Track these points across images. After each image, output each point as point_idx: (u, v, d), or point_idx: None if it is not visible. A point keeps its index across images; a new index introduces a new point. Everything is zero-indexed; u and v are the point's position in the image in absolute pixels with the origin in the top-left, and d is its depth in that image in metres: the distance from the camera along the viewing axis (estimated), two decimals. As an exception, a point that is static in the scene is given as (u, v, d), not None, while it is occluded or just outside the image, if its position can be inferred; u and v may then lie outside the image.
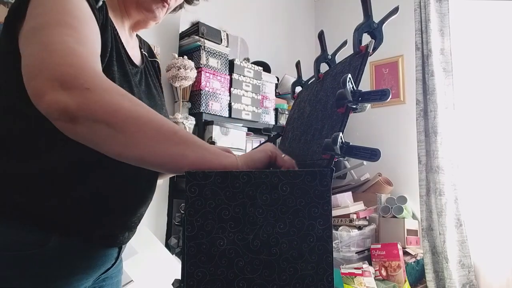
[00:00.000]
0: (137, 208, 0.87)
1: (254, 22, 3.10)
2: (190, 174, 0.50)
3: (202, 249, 0.49)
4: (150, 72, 1.00)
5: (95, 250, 0.81)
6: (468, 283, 2.58)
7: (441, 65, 2.75)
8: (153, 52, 1.10)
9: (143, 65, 0.97)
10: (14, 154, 0.72)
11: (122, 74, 0.82)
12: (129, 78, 0.84)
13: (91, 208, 0.76)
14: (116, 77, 0.79)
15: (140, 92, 0.87)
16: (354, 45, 0.69)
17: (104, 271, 0.86)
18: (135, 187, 0.84)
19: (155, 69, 1.06)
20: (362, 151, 0.55)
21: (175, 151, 0.58)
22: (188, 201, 0.50)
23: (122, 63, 0.83)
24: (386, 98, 0.56)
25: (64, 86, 0.56)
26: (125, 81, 0.82)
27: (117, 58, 0.82)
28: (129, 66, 0.87)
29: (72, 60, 0.59)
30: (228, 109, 2.40)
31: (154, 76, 1.03)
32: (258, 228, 0.51)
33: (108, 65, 0.78)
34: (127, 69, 0.84)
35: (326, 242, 0.54)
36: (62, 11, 0.67)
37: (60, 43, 0.61)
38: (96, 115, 0.56)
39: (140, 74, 0.93)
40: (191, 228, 0.49)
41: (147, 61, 1.02)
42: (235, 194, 0.51)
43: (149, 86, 0.95)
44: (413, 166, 2.84)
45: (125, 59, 0.85)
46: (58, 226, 0.73)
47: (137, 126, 0.57)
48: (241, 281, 0.50)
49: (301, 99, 0.97)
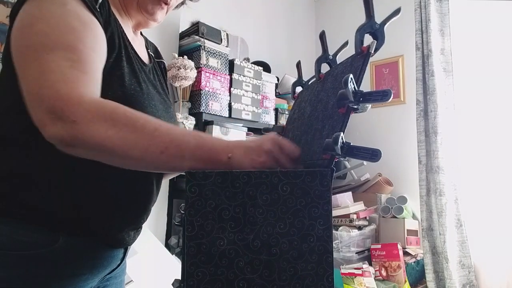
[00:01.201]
0: (145, 207, 0.87)
1: (254, 22, 3.10)
2: (190, 174, 0.50)
3: (202, 249, 0.49)
4: (157, 72, 1.01)
5: (102, 251, 0.81)
6: (468, 284, 2.57)
7: (441, 65, 2.75)
8: (159, 53, 1.11)
9: (151, 64, 0.97)
10: (20, 153, 0.72)
11: (131, 70, 0.83)
12: (137, 74, 0.85)
13: (99, 208, 0.77)
14: (126, 72, 0.80)
15: (148, 88, 0.87)
16: (356, 45, 0.69)
17: (110, 271, 0.86)
18: (142, 186, 0.85)
19: (161, 70, 1.07)
20: (363, 151, 0.55)
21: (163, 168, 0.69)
22: (188, 201, 0.49)
23: (130, 59, 0.84)
24: (388, 99, 0.56)
25: (58, 118, 0.60)
26: (134, 77, 0.83)
27: (125, 54, 0.83)
28: (137, 62, 0.87)
29: (62, 90, 0.62)
30: (228, 109, 2.39)
31: (161, 77, 1.04)
32: (258, 228, 0.51)
33: (117, 60, 0.79)
34: (135, 65, 0.85)
35: (326, 242, 0.54)
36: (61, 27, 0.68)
37: (54, 71, 0.64)
38: (87, 145, 0.61)
39: (148, 72, 0.93)
40: (191, 228, 0.49)
41: (154, 62, 1.03)
42: (235, 194, 0.51)
43: (156, 86, 0.95)
44: (413, 166, 2.84)
45: (132, 56, 0.86)
46: (66, 226, 0.73)
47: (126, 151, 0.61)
48: (241, 281, 0.50)
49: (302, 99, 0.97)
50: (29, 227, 0.70)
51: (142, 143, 0.61)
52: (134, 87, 0.81)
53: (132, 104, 0.76)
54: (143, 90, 0.84)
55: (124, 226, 0.83)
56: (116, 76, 0.78)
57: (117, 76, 0.78)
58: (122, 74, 0.79)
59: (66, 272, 0.74)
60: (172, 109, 1.00)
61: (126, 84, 0.79)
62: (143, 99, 0.82)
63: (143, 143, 0.61)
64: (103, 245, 0.81)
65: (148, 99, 0.84)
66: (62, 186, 0.73)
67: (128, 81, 0.80)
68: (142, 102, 0.82)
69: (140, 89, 0.83)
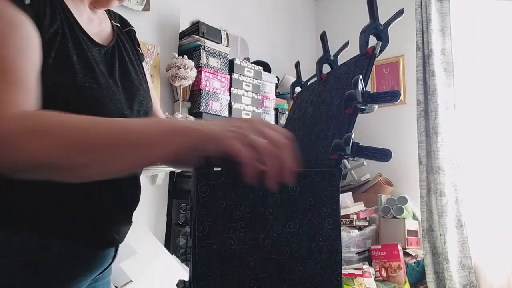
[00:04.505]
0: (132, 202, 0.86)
1: (254, 22, 3.10)
2: (201, 174, 0.50)
3: (213, 249, 0.49)
4: (125, 45, 0.92)
5: (95, 252, 0.80)
6: (469, 284, 2.58)
7: (442, 65, 2.75)
8: (126, 21, 1.01)
9: (114, 41, 0.88)
10: None
11: (84, 64, 0.75)
12: (92, 66, 0.76)
13: (88, 210, 0.75)
14: (77, 68, 0.72)
15: (108, 81, 0.79)
16: (361, 46, 0.69)
17: (101, 271, 0.85)
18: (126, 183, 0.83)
19: (132, 39, 0.98)
20: (373, 151, 0.55)
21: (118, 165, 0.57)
22: (199, 201, 0.49)
23: (82, 52, 0.76)
24: (396, 100, 0.56)
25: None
26: (88, 71, 0.75)
27: (75, 47, 0.74)
28: (91, 53, 0.79)
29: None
30: (228, 109, 2.39)
31: (132, 48, 0.95)
32: (268, 228, 0.51)
33: (66, 56, 0.72)
34: (89, 58, 0.77)
35: (335, 241, 0.54)
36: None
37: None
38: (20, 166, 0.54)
39: (110, 54, 0.85)
40: (202, 228, 0.49)
41: (121, 33, 0.94)
42: (245, 194, 0.51)
43: (125, 63, 0.88)
44: (414, 166, 2.84)
45: (85, 46, 0.77)
46: (58, 231, 0.72)
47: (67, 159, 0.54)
48: (252, 281, 0.50)
49: (302, 99, 0.97)
50: (20, 233, 0.68)
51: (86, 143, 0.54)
52: (90, 84, 0.73)
53: (90, 103, 0.72)
54: (101, 86, 0.76)
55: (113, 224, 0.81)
56: (66, 74, 0.70)
57: (68, 74, 0.71)
58: (73, 72, 0.71)
59: (59, 276, 0.73)
60: (142, 89, 0.90)
61: (78, 83, 0.71)
62: (102, 96, 0.75)
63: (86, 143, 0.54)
64: (96, 246, 0.80)
65: (110, 94, 0.77)
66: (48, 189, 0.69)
67: (82, 79, 0.72)
68: (102, 99, 0.75)
69: (97, 85, 0.75)
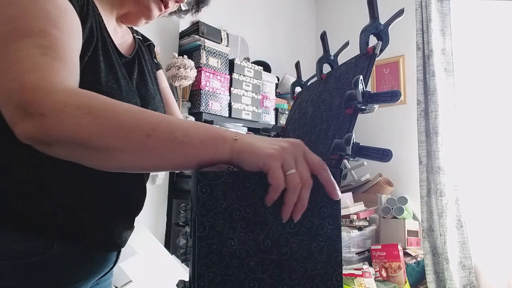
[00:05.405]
0: (135, 209, 0.86)
1: (254, 22, 3.10)
2: (201, 174, 0.49)
3: (213, 249, 0.49)
4: (144, 57, 0.96)
5: (96, 255, 0.80)
6: (469, 284, 2.58)
7: (442, 65, 2.75)
8: (145, 37, 1.07)
9: (134, 52, 0.92)
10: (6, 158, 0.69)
11: (108, 65, 0.78)
12: (115, 69, 0.79)
13: (91, 212, 0.75)
14: (102, 68, 0.75)
15: (128, 84, 0.82)
16: (361, 46, 0.69)
17: (102, 275, 0.85)
18: (131, 186, 0.83)
19: (151, 52, 1.03)
20: (373, 151, 0.55)
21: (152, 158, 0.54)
22: (199, 201, 0.49)
23: (108, 53, 0.79)
24: (397, 100, 0.56)
25: (26, 114, 0.53)
26: (111, 72, 0.78)
27: (102, 48, 0.77)
28: (116, 56, 0.82)
29: (30, 81, 0.55)
30: (228, 109, 2.39)
31: (150, 61, 0.99)
32: (268, 228, 0.51)
33: (94, 55, 0.74)
34: (113, 60, 0.80)
35: (335, 242, 0.54)
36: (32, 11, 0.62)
37: (22, 61, 0.57)
38: (60, 139, 0.53)
39: (130, 64, 0.89)
40: (203, 228, 0.49)
41: (142, 45, 0.98)
42: (246, 194, 0.51)
43: (143, 74, 0.91)
44: (414, 166, 2.84)
45: (111, 49, 0.81)
46: (60, 233, 0.71)
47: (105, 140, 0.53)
48: (252, 281, 0.50)
49: (302, 99, 0.97)
50: (19, 235, 0.67)
51: (124, 127, 0.53)
52: (111, 84, 0.76)
53: None
54: (121, 88, 0.78)
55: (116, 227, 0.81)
56: (91, 72, 0.72)
57: (92, 72, 0.72)
58: (98, 70, 0.73)
59: (60, 279, 0.73)
60: (157, 99, 0.94)
61: (102, 82, 0.73)
62: (121, 98, 0.76)
63: (125, 126, 0.53)
64: (97, 250, 0.79)
65: (128, 97, 0.79)
66: (52, 190, 0.70)
67: (104, 78, 0.74)
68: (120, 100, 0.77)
69: (118, 86, 0.77)
